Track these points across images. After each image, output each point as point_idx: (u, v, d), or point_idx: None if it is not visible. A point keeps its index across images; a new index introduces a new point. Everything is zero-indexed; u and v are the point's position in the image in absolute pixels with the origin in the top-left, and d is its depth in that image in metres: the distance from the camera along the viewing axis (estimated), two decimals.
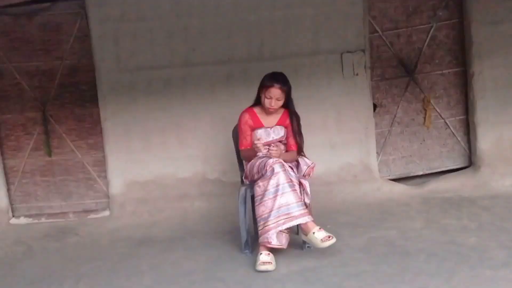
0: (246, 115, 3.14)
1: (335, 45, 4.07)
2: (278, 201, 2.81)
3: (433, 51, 4.29)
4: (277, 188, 2.83)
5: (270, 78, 3.03)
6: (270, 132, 3.15)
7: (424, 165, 4.39)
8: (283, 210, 2.81)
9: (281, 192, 2.82)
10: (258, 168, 2.98)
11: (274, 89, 3.00)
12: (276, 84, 3.00)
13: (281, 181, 2.83)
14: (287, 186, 2.83)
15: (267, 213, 2.85)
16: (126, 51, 4.02)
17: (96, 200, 4.29)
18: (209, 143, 4.12)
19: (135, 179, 4.12)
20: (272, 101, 3.02)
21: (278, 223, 2.83)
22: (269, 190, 2.84)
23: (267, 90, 3.00)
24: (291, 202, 2.82)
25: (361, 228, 3.48)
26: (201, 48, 4.04)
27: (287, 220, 2.82)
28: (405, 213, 3.73)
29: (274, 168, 2.85)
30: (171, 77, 4.04)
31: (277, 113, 3.16)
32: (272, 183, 2.84)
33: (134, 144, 4.10)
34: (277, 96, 3.02)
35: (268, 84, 3.01)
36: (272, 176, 2.84)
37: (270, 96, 3.01)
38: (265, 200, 2.85)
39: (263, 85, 3.05)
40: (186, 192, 4.12)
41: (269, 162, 2.89)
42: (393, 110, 4.32)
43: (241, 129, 3.15)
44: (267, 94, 3.01)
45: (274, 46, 4.05)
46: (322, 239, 2.78)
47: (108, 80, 4.03)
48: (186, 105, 4.09)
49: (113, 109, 4.07)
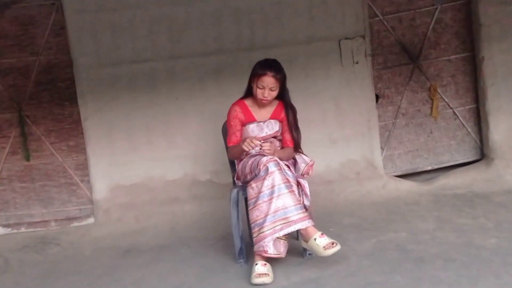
0: (237, 108, 2.85)
1: (332, 32, 3.85)
2: (273, 204, 2.53)
3: (439, 35, 4.08)
4: (272, 190, 2.55)
5: (262, 66, 2.75)
6: (263, 127, 2.87)
7: (432, 159, 4.17)
8: (279, 214, 2.53)
9: (277, 194, 2.54)
10: (251, 167, 2.69)
11: (267, 77, 2.71)
12: (269, 72, 2.71)
13: (276, 181, 2.54)
14: (283, 187, 2.54)
15: (262, 218, 2.57)
16: (105, 44, 3.78)
17: (80, 207, 4.04)
18: (199, 141, 3.89)
19: (120, 183, 3.89)
20: (265, 91, 2.74)
21: (275, 229, 2.54)
22: (263, 192, 2.56)
23: (259, 79, 2.72)
24: (289, 205, 2.53)
25: (367, 231, 3.20)
26: (186, 38, 3.80)
27: (284, 226, 2.53)
28: (414, 212, 3.47)
29: (268, 167, 2.56)
30: (156, 71, 3.81)
31: (271, 105, 2.88)
32: (267, 184, 2.55)
33: (118, 144, 3.87)
34: (270, 86, 2.74)
35: (260, 72, 2.72)
36: (267, 176, 2.56)
37: (262, 85, 2.73)
38: (259, 204, 2.57)
39: (255, 73, 2.76)
40: (176, 196, 3.89)
41: (263, 161, 2.60)
42: (397, 100, 4.10)
43: (230, 124, 2.86)
44: (259, 84, 2.73)
45: (266, 34, 3.83)
46: (324, 246, 2.48)
47: (87, 76, 3.80)
48: (173, 101, 3.86)
49: (94, 108, 3.83)
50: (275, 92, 2.78)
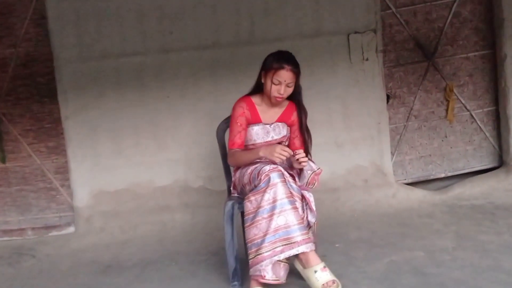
0: (243, 105, 2.49)
1: (340, 25, 3.61)
2: (274, 222, 2.20)
3: (457, 31, 3.83)
4: (273, 205, 2.21)
5: (278, 58, 2.40)
6: (270, 130, 2.52)
7: (446, 166, 3.94)
8: (281, 234, 2.20)
9: (279, 210, 2.20)
10: (250, 177, 2.35)
11: (285, 71, 2.38)
12: (287, 65, 2.38)
13: (279, 195, 2.21)
14: (286, 203, 2.21)
15: (260, 238, 2.23)
16: (90, 36, 3.54)
17: (60, 214, 3.77)
18: (191, 144, 3.64)
19: (104, 189, 3.65)
20: (281, 87, 2.40)
21: (275, 251, 2.21)
22: (263, 207, 2.22)
23: (276, 74, 2.38)
24: (292, 224, 2.20)
25: (377, 247, 2.87)
26: (179, 30, 3.56)
27: (286, 248, 2.20)
28: (429, 226, 3.16)
29: (271, 177, 2.23)
30: (145, 65, 3.57)
31: (280, 106, 2.54)
32: (268, 197, 2.22)
33: (102, 147, 3.63)
34: (288, 81, 2.40)
35: (276, 65, 2.38)
36: (267, 189, 2.22)
37: (279, 81, 2.39)
38: (257, 220, 2.24)
39: (269, 67, 2.41)
40: (165, 204, 3.64)
41: (265, 170, 2.25)
42: (409, 101, 3.86)
43: (234, 122, 2.47)
44: (275, 79, 2.39)
45: (267, 27, 3.58)
46: (324, 284, 2.17)
47: (69, 71, 3.56)
48: (164, 99, 3.61)
49: (76, 106, 3.59)
50: (291, 89, 2.45)
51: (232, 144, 2.48)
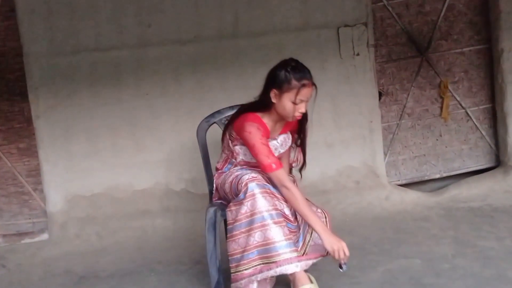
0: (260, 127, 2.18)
1: (329, 18, 3.48)
2: (252, 238, 2.02)
3: (451, 24, 3.71)
4: (251, 219, 2.02)
5: (297, 74, 2.12)
6: (278, 146, 2.31)
7: (441, 166, 3.82)
8: (261, 251, 2.02)
9: (259, 225, 2.01)
10: (231, 185, 2.18)
11: (308, 88, 2.15)
12: (308, 81, 2.14)
13: (258, 207, 2.01)
14: (267, 217, 2.00)
15: (239, 253, 2.06)
16: (62, 29, 3.36)
17: (33, 220, 3.58)
18: (173, 145, 3.49)
19: (79, 193, 3.48)
20: (303, 105, 2.16)
21: (255, 269, 2.03)
22: (240, 221, 2.04)
23: (299, 93, 2.11)
24: (273, 241, 1.99)
25: (371, 255, 2.71)
26: (159, 23, 3.40)
27: (264, 267, 2.02)
28: (425, 231, 3.01)
29: (248, 188, 2.03)
30: (122, 61, 3.41)
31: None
32: (244, 210, 2.03)
33: (76, 148, 3.45)
34: (309, 97, 2.20)
35: (298, 84, 2.10)
36: (245, 201, 2.03)
37: (302, 100, 2.14)
38: (236, 235, 2.07)
39: (289, 86, 2.11)
40: (145, 208, 3.50)
41: (243, 179, 2.07)
42: (402, 98, 3.74)
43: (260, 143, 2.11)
44: (298, 99, 2.12)
45: (252, 20, 3.43)
46: None
47: (40, 67, 3.38)
48: (142, 96, 3.45)
49: (47, 104, 3.41)
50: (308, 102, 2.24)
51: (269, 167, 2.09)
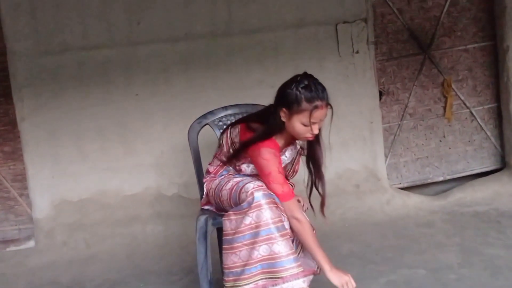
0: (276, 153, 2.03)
1: (327, 13, 3.40)
2: (257, 252, 1.88)
3: (454, 20, 3.63)
4: (256, 232, 1.87)
5: (310, 92, 1.95)
6: (286, 160, 2.16)
7: (444, 168, 3.72)
8: (264, 265, 1.88)
9: (263, 238, 1.87)
10: (231, 193, 2.02)
11: (322, 110, 1.96)
12: (322, 102, 1.95)
13: (263, 219, 1.86)
14: (273, 229, 1.87)
15: (239, 267, 1.92)
16: (47, 26, 3.25)
17: (19, 226, 3.44)
18: (164, 147, 3.39)
19: (66, 198, 3.37)
20: (316, 126, 1.99)
21: (256, 285, 1.90)
22: (243, 233, 1.90)
23: (312, 115, 1.94)
24: (279, 255, 1.86)
25: (372, 264, 2.58)
26: (149, 20, 3.30)
27: (268, 283, 1.89)
28: (429, 238, 2.89)
29: (254, 197, 1.88)
30: (110, 60, 3.31)
31: None
32: (249, 221, 1.88)
33: (63, 151, 3.35)
34: (323, 118, 2.02)
35: (310, 106, 1.93)
36: (249, 211, 1.88)
37: (314, 122, 1.96)
38: (237, 247, 1.92)
39: (300, 108, 1.95)
40: (135, 214, 3.39)
41: (248, 187, 1.91)
42: (403, 98, 3.65)
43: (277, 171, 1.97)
44: (312, 119, 1.95)
45: (246, 17, 3.34)
46: None
47: (25, 66, 3.27)
48: (132, 97, 3.35)
49: (33, 105, 3.31)
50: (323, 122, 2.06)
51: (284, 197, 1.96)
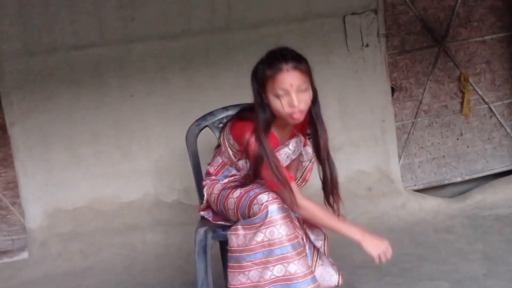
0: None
1: (334, 4, 3.29)
2: (270, 273, 1.69)
3: (470, 10, 3.49)
4: (269, 250, 1.68)
5: (270, 60, 1.74)
6: (290, 153, 1.92)
7: (462, 168, 3.57)
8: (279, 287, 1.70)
9: (279, 257, 1.68)
10: (240, 203, 1.79)
11: (286, 73, 1.70)
12: (285, 64, 1.71)
13: (279, 237, 1.67)
14: (289, 248, 1.68)
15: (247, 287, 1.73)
16: (36, 25, 3.15)
17: (12, 237, 3.34)
18: (162, 151, 3.28)
19: (60, 207, 3.28)
20: (292, 97, 1.71)
21: None
22: (254, 251, 1.70)
23: (276, 82, 1.71)
24: (295, 275, 1.67)
25: (389, 276, 2.39)
26: (143, 16, 3.19)
27: None
28: (449, 245, 2.71)
29: (269, 212, 1.68)
30: (103, 59, 3.21)
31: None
32: (261, 238, 1.68)
33: (56, 157, 3.25)
34: (297, 84, 1.71)
35: (270, 71, 1.72)
36: (262, 227, 1.68)
37: (283, 89, 1.70)
38: (246, 266, 1.72)
39: (262, 76, 1.74)
40: (134, 222, 3.29)
41: (262, 199, 1.70)
42: (417, 94, 3.51)
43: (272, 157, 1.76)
44: (277, 89, 1.71)
45: (247, 10, 3.24)
46: None
47: (13, 68, 3.17)
48: (127, 98, 3.25)
49: (23, 109, 3.22)
50: (309, 94, 1.75)
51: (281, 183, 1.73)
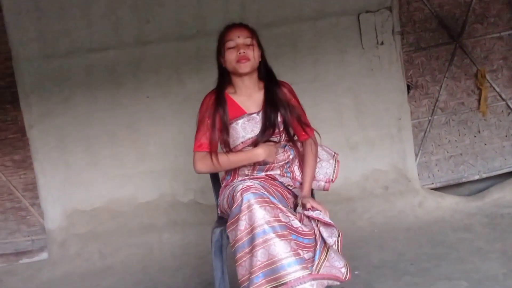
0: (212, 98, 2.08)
1: (349, 3, 3.27)
2: (255, 259, 1.73)
3: (486, 6, 3.44)
4: (252, 236, 1.74)
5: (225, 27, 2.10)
6: (258, 120, 2.05)
7: (480, 166, 3.50)
8: (267, 272, 1.72)
9: (260, 241, 1.72)
10: (228, 200, 1.93)
11: (234, 29, 2.06)
12: (234, 25, 2.08)
13: (257, 221, 1.73)
14: (268, 230, 1.72)
15: (246, 280, 1.77)
16: (53, 29, 3.20)
17: (32, 237, 3.37)
18: (178, 151, 3.28)
19: (78, 207, 3.31)
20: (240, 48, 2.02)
21: None
22: (242, 240, 1.77)
23: (226, 39, 2.05)
24: (279, 257, 1.71)
25: (407, 275, 2.36)
26: (158, 18, 3.21)
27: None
28: (468, 244, 2.66)
29: (243, 199, 1.77)
30: (119, 61, 3.25)
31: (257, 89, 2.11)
32: (243, 226, 1.76)
33: (73, 158, 3.29)
34: (244, 37, 2.04)
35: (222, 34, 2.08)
36: (241, 215, 1.76)
37: (233, 42, 2.04)
38: (240, 257, 1.79)
39: (220, 41, 2.09)
40: (150, 222, 3.30)
41: (237, 189, 1.81)
42: (434, 91, 3.45)
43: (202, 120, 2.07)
44: (228, 44, 2.04)
45: (261, 10, 3.25)
46: None
47: (31, 71, 3.23)
48: (143, 100, 3.27)
49: (41, 111, 3.26)
50: (256, 49, 2.05)
51: (198, 146, 2.04)
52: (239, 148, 2.03)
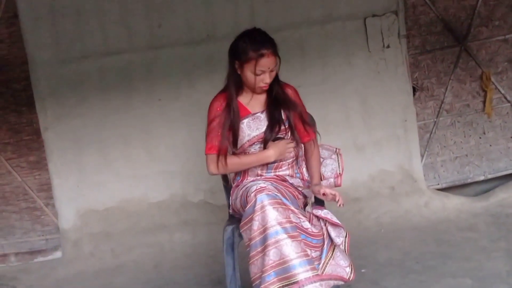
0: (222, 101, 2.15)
1: (355, 7, 3.30)
2: (267, 258, 1.80)
3: (491, 9, 3.44)
4: (264, 236, 1.81)
5: (253, 44, 2.03)
6: (262, 119, 2.13)
7: (485, 167, 3.52)
8: (278, 271, 1.79)
9: (273, 241, 1.79)
10: (241, 200, 1.99)
11: (267, 59, 2.02)
12: (267, 51, 2.02)
13: (269, 221, 1.80)
14: (280, 231, 1.79)
15: (258, 278, 1.85)
16: (68, 34, 3.25)
17: (46, 237, 3.45)
18: (189, 153, 3.32)
19: (92, 207, 3.36)
20: (266, 76, 2.05)
21: None
22: (255, 239, 1.84)
23: (258, 64, 2.02)
24: (289, 258, 1.78)
25: (413, 273, 2.42)
26: (169, 23, 3.25)
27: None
28: (473, 243, 2.71)
29: (257, 200, 1.83)
30: (132, 65, 3.29)
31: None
32: (256, 226, 1.83)
33: (87, 159, 3.34)
34: (272, 67, 2.06)
35: (254, 55, 2.02)
36: (255, 215, 1.82)
37: (262, 70, 2.04)
38: (253, 256, 1.86)
39: (246, 57, 2.04)
40: (162, 222, 3.35)
41: (251, 191, 1.88)
42: (439, 93, 3.47)
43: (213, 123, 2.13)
44: (258, 70, 2.03)
45: (270, 14, 3.27)
46: None
47: (46, 75, 3.29)
48: (155, 102, 3.32)
49: (56, 114, 3.32)
50: (275, 72, 2.10)
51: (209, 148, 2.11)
52: (246, 146, 2.10)
